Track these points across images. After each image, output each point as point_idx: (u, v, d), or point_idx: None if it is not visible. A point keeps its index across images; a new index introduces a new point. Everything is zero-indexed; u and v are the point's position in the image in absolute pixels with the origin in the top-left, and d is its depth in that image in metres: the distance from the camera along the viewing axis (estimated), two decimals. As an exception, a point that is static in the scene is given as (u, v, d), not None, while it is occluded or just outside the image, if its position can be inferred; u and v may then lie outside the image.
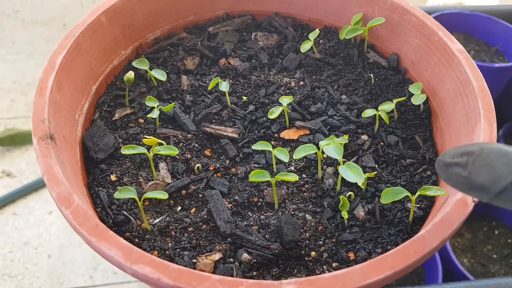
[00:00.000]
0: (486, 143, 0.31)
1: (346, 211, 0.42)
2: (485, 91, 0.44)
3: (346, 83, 0.56)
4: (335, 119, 0.52)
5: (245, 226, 0.43)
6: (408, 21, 0.54)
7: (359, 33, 0.57)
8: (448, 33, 0.50)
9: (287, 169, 0.48)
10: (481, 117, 0.41)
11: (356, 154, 0.49)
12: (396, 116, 0.52)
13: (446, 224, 0.34)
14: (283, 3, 0.63)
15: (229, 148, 0.49)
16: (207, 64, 0.59)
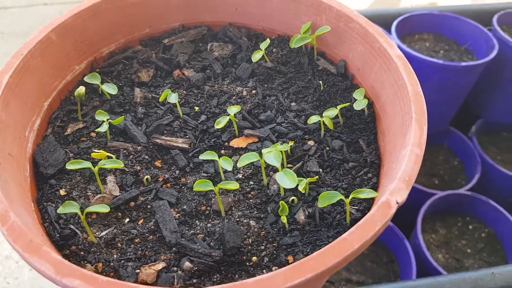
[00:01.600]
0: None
1: (286, 216, 0.44)
2: (419, 95, 0.45)
3: (296, 91, 0.58)
4: (283, 126, 0.53)
5: (192, 235, 0.45)
6: (352, 29, 0.56)
7: (308, 41, 0.58)
8: (388, 40, 0.51)
9: (235, 177, 0.49)
10: (413, 120, 0.43)
11: (302, 160, 0.50)
12: (342, 121, 0.54)
13: (368, 226, 0.35)
14: (237, 14, 0.65)
15: (179, 159, 0.50)
16: (162, 76, 0.60)
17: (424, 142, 0.41)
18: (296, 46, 0.58)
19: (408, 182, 0.38)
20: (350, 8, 0.56)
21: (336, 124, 0.54)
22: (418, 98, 0.45)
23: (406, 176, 0.39)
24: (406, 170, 0.39)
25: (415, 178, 0.39)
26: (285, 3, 0.61)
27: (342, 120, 0.54)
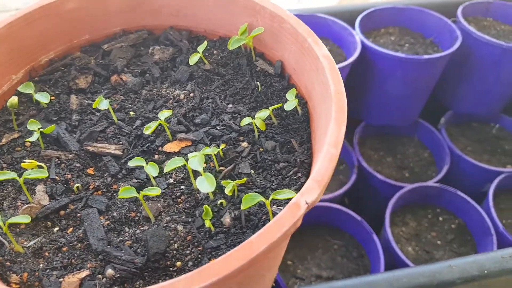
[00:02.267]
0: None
1: (210, 219, 0.44)
2: (341, 94, 0.46)
3: (233, 93, 0.58)
4: (218, 128, 0.53)
5: (119, 242, 0.45)
6: (285, 29, 0.56)
7: (244, 43, 0.58)
8: (316, 39, 0.52)
9: (166, 182, 0.49)
10: (331, 120, 0.43)
11: (234, 162, 0.50)
12: (276, 121, 0.54)
13: (276, 227, 0.36)
14: (178, 17, 0.65)
15: (110, 165, 0.50)
16: (100, 82, 0.60)
17: (340, 141, 0.42)
18: (233, 48, 0.59)
19: (321, 182, 0.39)
20: (282, 9, 0.56)
21: (271, 125, 0.54)
22: (339, 97, 0.45)
23: (319, 176, 0.39)
24: (319, 170, 0.39)
25: (330, 178, 0.40)
26: (222, 5, 0.61)
27: (277, 120, 0.54)
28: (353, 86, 1.32)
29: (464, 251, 1.18)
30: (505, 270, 0.80)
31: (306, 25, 0.54)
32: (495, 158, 1.36)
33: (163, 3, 0.63)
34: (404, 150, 1.40)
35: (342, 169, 1.33)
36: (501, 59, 1.21)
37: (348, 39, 1.22)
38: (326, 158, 0.40)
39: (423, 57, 1.12)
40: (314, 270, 1.12)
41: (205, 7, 0.62)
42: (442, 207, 1.26)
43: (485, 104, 1.35)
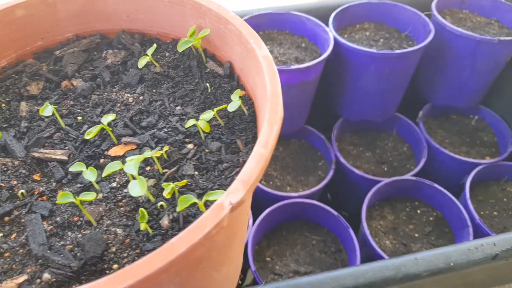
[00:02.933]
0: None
1: (146, 222, 0.44)
2: (275, 95, 0.46)
3: (183, 94, 0.58)
4: (164, 131, 0.54)
5: (61, 246, 0.45)
6: (230, 30, 0.56)
7: (192, 44, 0.59)
8: (258, 40, 0.52)
9: (109, 185, 0.50)
10: (265, 120, 0.44)
11: (177, 164, 0.51)
12: (223, 122, 0.55)
13: (198, 229, 0.36)
14: (130, 20, 0.65)
15: (56, 171, 0.51)
16: (51, 87, 0.61)
17: (271, 141, 0.42)
18: (182, 50, 0.59)
19: (247, 183, 0.39)
20: (227, 10, 0.57)
21: (218, 126, 0.55)
22: (274, 98, 0.46)
23: (246, 177, 0.39)
24: (246, 170, 0.40)
25: (259, 178, 0.40)
26: (171, 8, 0.61)
27: (224, 121, 0.55)
28: (330, 82, 1.33)
29: (441, 243, 1.18)
30: (471, 262, 0.81)
31: (249, 26, 0.54)
32: (474, 149, 1.36)
33: (114, 8, 0.64)
34: (383, 144, 1.40)
35: (321, 165, 1.33)
36: (475, 51, 1.22)
37: (322, 36, 1.22)
38: (254, 158, 0.41)
39: (395, 52, 1.13)
40: (292, 266, 1.13)
41: (155, 10, 0.63)
42: (421, 200, 1.27)
43: (462, 96, 1.36)
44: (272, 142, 0.43)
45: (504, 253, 0.81)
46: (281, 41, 1.28)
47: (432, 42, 1.28)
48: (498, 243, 0.82)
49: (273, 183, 1.29)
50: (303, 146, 1.39)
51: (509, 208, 1.23)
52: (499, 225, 1.21)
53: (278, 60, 1.19)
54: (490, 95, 1.39)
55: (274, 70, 0.49)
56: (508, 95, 1.35)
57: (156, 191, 0.49)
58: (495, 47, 1.19)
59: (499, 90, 1.38)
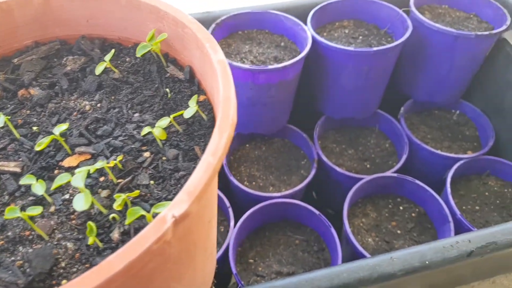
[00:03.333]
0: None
1: (95, 235, 0.43)
2: (228, 100, 0.45)
3: (141, 101, 0.57)
4: (119, 139, 0.53)
5: (11, 262, 0.44)
6: (188, 35, 0.55)
7: (149, 49, 0.58)
8: (214, 44, 0.51)
9: (62, 198, 0.49)
10: (216, 126, 0.43)
11: (132, 173, 0.50)
12: (181, 129, 0.54)
13: (138, 244, 0.35)
14: (90, 25, 0.64)
15: (8, 184, 0.50)
16: (8, 97, 0.59)
17: (221, 149, 0.41)
18: (140, 55, 0.58)
19: (193, 193, 0.38)
20: (184, 14, 0.56)
21: (177, 132, 0.54)
22: (226, 104, 0.45)
23: (192, 187, 0.38)
24: (193, 180, 0.39)
25: (206, 188, 0.39)
26: (128, 11, 0.60)
27: (182, 127, 0.54)
28: (312, 81, 1.32)
29: (424, 239, 1.18)
30: (446, 260, 0.80)
31: (206, 30, 0.53)
32: (456, 144, 1.36)
33: (72, 13, 0.62)
34: (366, 141, 1.40)
35: (304, 163, 1.33)
36: (453, 47, 1.21)
37: (301, 34, 1.21)
38: (202, 167, 0.40)
39: (372, 49, 1.12)
40: (275, 267, 1.12)
41: (113, 15, 0.61)
42: (403, 196, 1.27)
43: (442, 92, 1.35)
44: (222, 150, 0.42)
45: (479, 249, 0.81)
46: (261, 40, 1.26)
47: (411, 38, 1.27)
48: (473, 240, 0.82)
49: (256, 183, 1.28)
50: (286, 145, 1.38)
51: (490, 202, 1.23)
52: (481, 219, 1.20)
53: (257, 60, 1.18)
54: (471, 89, 1.39)
55: (228, 75, 0.48)
56: (488, 89, 1.35)
57: (109, 202, 0.48)
58: (472, 42, 1.18)
59: (479, 84, 1.38)
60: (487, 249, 0.81)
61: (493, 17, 1.28)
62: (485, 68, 1.33)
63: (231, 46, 1.23)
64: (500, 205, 1.23)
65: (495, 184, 1.27)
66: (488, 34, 1.17)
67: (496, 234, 0.83)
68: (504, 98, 1.28)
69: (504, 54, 1.26)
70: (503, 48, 1.27)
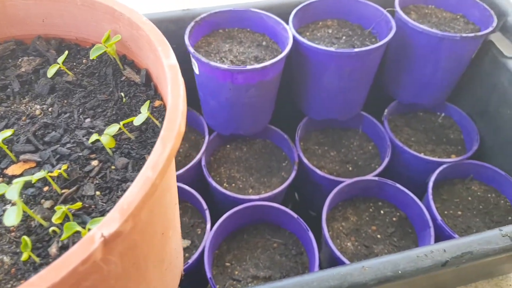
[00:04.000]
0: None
1: (30, 250, 0.41)
2: (175, 110, 0.43)
3: (94, 105, 0.55)
4: (67, 147, 0.50)
5: None
6: (142, 36, 0.53)
7: (104, 51, 0.55)
8: (166, 48, 0.48)
9: (2, 209, 0.46)
10: (159, 137, 0.41)
11: (77, 183, 0.47)
12: (133, 136, 0.51)
13: (62, 265, 0.33)
14: (46, 25, 0.61)
15: None
16: (-43, 100, 0.57)
17: (162, 162, 0.39)
18: (93, 57, 0.55)
19: (126, 211, 0.36)
20: (139, 15, 0.53)
21: (129, 140, 0.51)
22: (172, 113, 0.42)
23: (125, 204, 0.36)
24: (127, 196, 0.36)
25: (143, 205, 0.37)
26: (84, 11, 0.57)
27: (133, 135, 0.51)
28: (294, 81, 1.29)
29: (404, 244, 1.16)
30: (420, 269, 0.78)
31: (160, 32, 0.51)
32: (440, 148, 1.34)
33: (26, 12, 0.59)
34: (349, 143, 1.37)
35: (285, 165, 1.30)
36: (438, 48, 1.19)
37: (283, 34, 1.19)
38: (139, 182, 0.37)
39: (354, 50, 1.10)
40: (252, 271, 1.10)
41: (69, 15, 0.59)
42: (384, 200, 1.25)
43: (427, 94, 1.33)
44: (163, 163, 0.39)
45: (454, 259, 0.79)
46: (241, 39, 1.24)
47: (396, 39, 1.25)
48: (449, 250, 0.80)
49: (235, 185, 1.26)
50: (268, 146, 1.36)
51: (473, 208, 1.22)
52: (463, 224, 1.19)
53: (237, 59, 1.15)
54: (457, 92, 1.37)
55: (177, 81, 0.46)
56: (474, 92, 1.33)
57: (52, 213, 0.45)
58: (457, 43, 1.16)
59: (465, 87, 1.36)
60: (462, 259, 0.80)
61: (479, 18, 1.26)
62: (471, 70, 1.31)
63: (211, 44, 1.20)
64: (483, 211, 1.21)
65: (478, 189, 1.26)
66: (474, 36, 1.14)
67: (472, 243, 0.81)
68: (489, 102, 1.26)
69: (490, 57, 1.24)
70: (489, 50, 1.24)
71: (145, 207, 0.39)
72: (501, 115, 1.21)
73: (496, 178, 1.23)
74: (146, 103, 0.51)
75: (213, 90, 1.15)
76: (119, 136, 0.51)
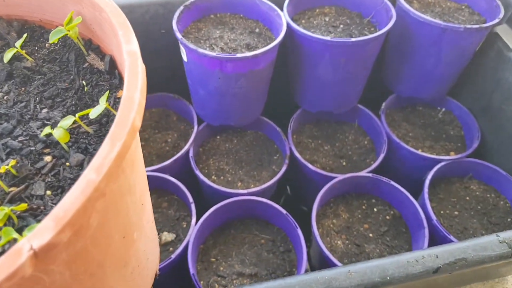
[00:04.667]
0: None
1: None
2: (130, 101, 0.38)
3: (53, 94, 0.50)
4: (19, 140, 0.45)
5: None
6: (105, 19, 0.47)
7: (64, 34, 0.50)
8: (128, 32, 0.43)
9: None
10: (108, 134, 0.36)
11: (27, 181, 0.43)
12: (91, 130, 0.46)
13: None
14: (7, 5, 0.56)
15: None
16: None
17: (107, 164, 0.34)
18: (52, 41, 0.50)
19: (62, 220, 0.31)
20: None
21: (87, 134, 0.47)
22: (126, 105, 0.37)
23: (61, 212, 0.31)
24: (64, 203, 0.32)
25: (83, 213, 0.32)
26: (46, -10, 0.52)
27: (92, 129, 0.46)
28: (288, 71, 1.24)
29: (397, 244, 1.12)
30: (410, 276, 0.74)
31: (123, 14, 0.45)
32: (439, 144, 1.29)
33: (-16, -11, 0.54)
34: (344, 137, 1.32)
35: (276, 159, 1.26)
36: (440, 40, 1.13)
37: (277, 20, 1.13)
38: (79, 186, 0.33)
39: (350, 40, 1.04)
40: (237, 267, 1.06)
41: (31, -7, 0.53)
42: (378, 197, 1.20)
43: (428, 87, 1.28)
44: (110, 164, 0.34)
45: (447, 266, 0.75)
46: (233, 25, 1.18)
47: (396, 29, 1.19)
48: (441, 256, 0.75)
49: (224, 178, 1.22)
50: (259, 138, 1.31)
51: (471, 208, 1.17)
52: (459, 225, 1.14)
53: (228, 47, 1.10)
54: (459, 86, 1.31)
55: (137, 70, 0.41)
56: (476, 87, 1.27)
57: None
58: (461, 35, 1.10)
59: (468, 81, 1.30)
60: (455, 266, 0.75)
61: (486, 8, 1.20)
62: (475, 64, 1.25)
63: (201, 30, 1.15)
64: (481, 211, 1.17)
65: (477, 188, 1.21)
66: (478, 28, 1.08)
67: (467, 249, 0.76)
68: (492, 98, 1.20)
69: (495, 50, 1.18)
70: (494, 43, 1.18)
71: (92, 212, 0.35)
72: (504, 112, 1.16)
73: (496, 178, 1.17)
74: (105, 94, 0.46)
75: (202, 79, 1.10)
76: (76, 129, 0.46)
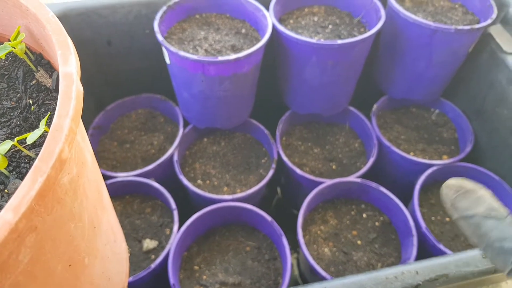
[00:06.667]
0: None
1: None
2: (59, 130, 0.35)
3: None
4: (-44, 165, 0.43)
5: None
6: (48, 36, 0.45)
7: (9, 51, 0.47)
8: (66, 52, 0.41)
9: None
10: (32, 168, 0.33)
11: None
12: (33, 154, 0.44)
13: None
14: (-43, 16, 0.53)
15: None
16: None
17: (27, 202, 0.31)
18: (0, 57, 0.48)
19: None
20: (46, 10, 0.45)
21: (29, 158, 0.44)
22: (55, 134, 0.35)
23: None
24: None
25: None
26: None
27: (33, 153, 0.44)
28: (277, 73, 1.21)
29: (386, 252, 1.09)
30: (388, 292, 0.71)
31: (65, 32, 0.43)
32: (432, 147, 1.25)
33: None
34: (334, 140, 1.29)
35: (264, 162, 1.23)
36: (431, 41, 1.09)
37: (263, 21, 1.10)
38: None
39: (337, 42, 1.00)
40: (220, 276, 1.04)
41: (-22, 6, 0.51)
42: (368, 202, 1.17)
43: (420, 89, 1.24)
44: (28, 204, 0.32)
45: (427, 283, 0.72)
46: (219, 26, 1.15)
47: (387, 29, 1.15)
48: (422, 272, 0.72)
49: (210, 182, 1.19)
50: (248, 141, 1.29)
51: (462, 214, 1.13)
52: (450, 233, 1.11)
53: (213, 48, 1.06)
54: (452, 88, 1.27)
55: (70, 95, 0.38)
56: (470, 90, 1.23)
57: None
58: (452, 36, 1.06)
59: (461, 83, 1.26)
60: (436, 283, 0.72)
61: (479, 8, 1.15)
62: (468, 65, 1.21)
63: (186, 31, 1.11)
64: (472, 217, 1.13)
65: (469, 193, 1.17)
66: (470, 29, 1.04)
67: (449, 265, 0.73)
68: (485, 100, 1.16)
69: (489, 51, 1.14)
70: (487, 44, 1.14)
71: (20, 248, 0.32)
72: (498, 116, 1.12)
73: (489, 183, 1.14)
74: (45, 117, 0.43)
75: (185, 82, 1.07)
76: (18, 152, 0.44)
